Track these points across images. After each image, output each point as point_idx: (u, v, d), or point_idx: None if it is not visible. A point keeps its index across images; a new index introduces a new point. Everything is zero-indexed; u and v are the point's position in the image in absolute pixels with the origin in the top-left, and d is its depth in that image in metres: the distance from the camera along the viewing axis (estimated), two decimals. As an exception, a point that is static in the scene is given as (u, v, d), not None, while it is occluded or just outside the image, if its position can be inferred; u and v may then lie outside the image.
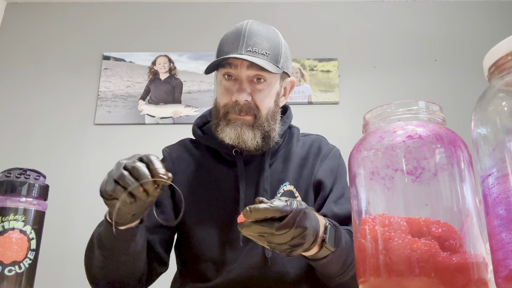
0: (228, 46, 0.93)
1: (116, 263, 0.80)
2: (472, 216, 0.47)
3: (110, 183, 0.64)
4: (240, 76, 0.92)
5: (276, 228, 0.59)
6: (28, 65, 2.53)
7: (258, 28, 0.94)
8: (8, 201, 0.63)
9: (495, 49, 0.46)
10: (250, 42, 0.91)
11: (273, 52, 0.93)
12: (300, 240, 0.62)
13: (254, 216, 0.59)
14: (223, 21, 2.60)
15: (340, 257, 0.77)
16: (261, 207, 0.59)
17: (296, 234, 0.61)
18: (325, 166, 1.00)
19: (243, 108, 0.92)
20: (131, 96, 2.48)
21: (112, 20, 2.63)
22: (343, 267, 0.79)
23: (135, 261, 0.82)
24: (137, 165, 0.64)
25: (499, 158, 0.43)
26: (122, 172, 0.63)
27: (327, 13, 2.67)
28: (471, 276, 0.44)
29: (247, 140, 0.92)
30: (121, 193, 0.63)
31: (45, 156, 2.34)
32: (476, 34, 2.60)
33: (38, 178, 0.67)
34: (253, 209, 0.59)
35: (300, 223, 0.61)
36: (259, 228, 0.59)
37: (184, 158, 1.03)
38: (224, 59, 0.91)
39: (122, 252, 0.78)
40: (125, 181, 0.63)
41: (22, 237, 0.62)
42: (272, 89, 0.96)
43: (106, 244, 0.77)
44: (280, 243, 0.61)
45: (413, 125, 0.51)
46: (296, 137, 1.05)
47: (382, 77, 2.53)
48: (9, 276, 0.60)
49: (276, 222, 0.59)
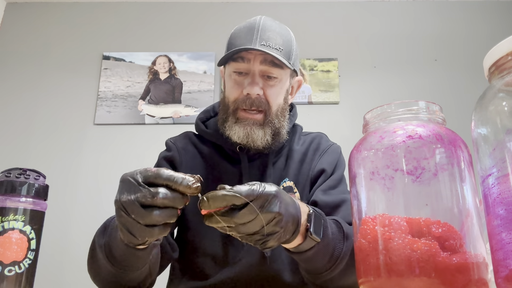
0: (240, 40, 0.90)
1: (132, 274, 0.71)
2: (472, 216, 0.47)
3: (143, 231, 0.51)
4: (253, 70, 0.90)
5: (237, 216, 0.51)
6: (28, 65, 2.53)
7: (272, 24, 0.93)
8: (8, 201, 0.63)
9: (495, 49, 0.46)
10: (264, 36, 0.89)
11: (285, 48, 0.91)
12: (273, 228, 0.55)
13: (214, 205, 0.51)
14: (223, 21, 2.60)
15: (327, 248, 0.69)
16: (219, 194, 0.51)
17: (266, 221, 0.54)
18: (323, 160, 0.99)
19: (255, 102, 0.90)
20: (131, 96, 2.48)
21: (112, 20, 2.63)
22: (330, 260, 0.71)
23: (154, 267, 0.77)
24: (164, 197, 0.50)
25: (499, 158, 0.43)
26: (151, 215, 0.50)
27: (327, 13, 2.67)
28: (471, 276, 0.44)
29: (256, 139, 0.91)
30: (159, 232, 0.52)
31: (45, 156, 2.34)
32: (476, 34, 2.60)
33: (38, 178, 0.67)
34: (210, 197, 0.51)
35: (269, 208, 0.53)
36: (220, 219, 0.52)
37: (189, 149, 1.01)
38: (240, 51, 0.88)
39: (141, 266, 0.70)
40: (163, 220, 0.51)
41: (22, 237, 0.62)
42: (283, 86, 0.95)
43: (120, 260, 0.67)
44: (249, 233, 0.54)
45: (413, 125, 0.51)
46: (298, 135, 1.05)
47: (382, 77, 2.53)
48: (9, 276, 0.60)
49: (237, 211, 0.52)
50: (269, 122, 0.92)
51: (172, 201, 0.51)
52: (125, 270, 0.69)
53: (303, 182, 0.97)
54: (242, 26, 0.94)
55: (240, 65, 0.91)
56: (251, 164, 0.96)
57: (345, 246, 0.72)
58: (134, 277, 0.72)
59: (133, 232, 0.52)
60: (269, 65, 0.90)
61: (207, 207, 0.51)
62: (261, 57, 0.89)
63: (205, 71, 2.54)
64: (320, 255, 0.69)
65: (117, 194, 0.53)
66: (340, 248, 0.71)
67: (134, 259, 0.66)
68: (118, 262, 0.68)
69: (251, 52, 0.89)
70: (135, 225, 0.51)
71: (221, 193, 0.51)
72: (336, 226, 0.74)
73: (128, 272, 0.70)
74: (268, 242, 0.56)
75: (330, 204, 0.90)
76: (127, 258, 0.66)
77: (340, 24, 2.65)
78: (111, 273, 0.71)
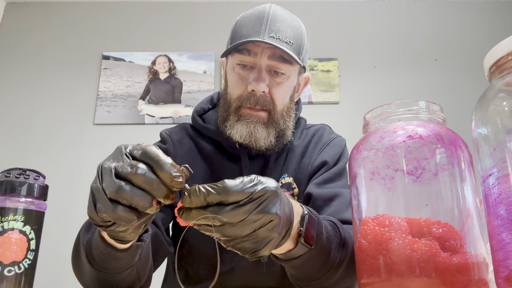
0: (247, 29, 0.82)
1: (115, 278, 0.63)
2: (472, 216, 0.47)
3: (104, 203, 0.42)
4: (259, 65, 0.82)
5: (224, 214, 0.42)
6: (27, 65, 2.53)
7: (283, 14, 0.84)
8: (7, 201, 0.63)
9: (495, 49, 0.46)
10: (274, 27, 0.80)
11: (296, 42, 0.83)
12: (268, 233, 0.44)
13: (195, 202, 0.42)
14: (223, 21, 2.60)
15: (319, 255, 0.59)
16: (202, 190, 0.42)
17: (259, 224, 0.43)
18: (324, 154, 0.91)
19: (259, 100, 0.82)
20: (131, 96, 2.48)
21: (112, 20, 2.63)
22: (322, 269, 0.61)
23: (143, 270, 0.67)
24: (142, 174, 0.41)
25: (500, 158, 0.43)
26: (120, 186, 0.41)
27: (327, 13, 2.67)
28: (472, 276, 0.44)
29: (259, 139, 0.83)
30: (125, 216, 0.42)
31: (45, 156, 2.34)
32: (477, 34, 2.60)
33: (37, 178, 0.67)
34: (192, 192, 0.42)
35: (266, 208, 0.43)
36: (200, 214, 0.42)
37: (186, 142, 0.93)
38: (246, 42, 0.80)
39: (123, 269, 0.61)
40: (130, 200, 0.41)
41: (21, 238, 0.62)
42: (290, 84, 0.87)
43: (98, 260, 0.59)
44: (236, 237, 0.43)
45: (413, 125, 0.51)
46: (301, 129, 0.97)
47: (382, 77, 2.53)
48: (8, 276, 0.60)
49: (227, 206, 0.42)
50: (274, 122, 0.85)
51: (149, 183, 0.41)
52: (106, 272, 0.61)
53: (302, 178, 0.90)
54: (250, 14, 0.85)
55: (245, 58, 0.83)
56: (251, 161, 0.90)
57: (341, 254, 0.62)
58: (119, 281, 0.63)
59: (96, 201, 0.43)
60: (278, 60, 0.82)
61: (189, 203, 0.43)
62: (269, 51, 0.81)
63: (205, 71, 2.54)
64: (311, 262, 0.59)
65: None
66: (335, 257, 0.61)
67: (114, 261, 0.58)
68: (97, 263, 0.59)
69: (258, 44, 0.81)
70: (100, 195, 0.42)
71: (205, 189, 0.42)
72: (333, 230, 0.64)
73: (110, 275, 0.61)
74: (260, 251, 0.45)
75: (323, 197, 0.82)
76: (105, 259, 0.58)
77: (340, 24, 2.65)
78: (92, 275, 0.62)
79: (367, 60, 2.57)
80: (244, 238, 0.44)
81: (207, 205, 0.43)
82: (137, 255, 0.60)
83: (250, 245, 0.44)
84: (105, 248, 0.56)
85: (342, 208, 0.80)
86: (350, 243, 0.64)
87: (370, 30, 2.63)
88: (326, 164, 0.89)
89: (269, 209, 0.44)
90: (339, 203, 0.81)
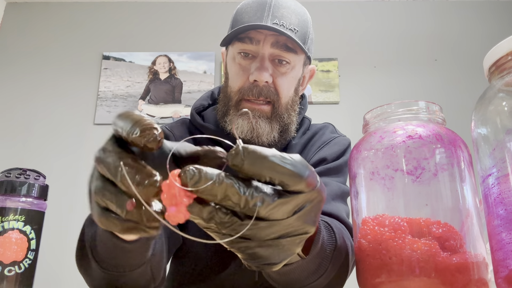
0: (249, 16, 0.77)
1: (125, 278, 0.53)
2: (472, 216, 0.47)
3: (94, 209, 0.35)
4: (262, 53, 0.77)
5: (271, 205, 0.30)
6: (28, 65, 2.53)
7: (287, 0, 0.79)
8: (8, 201, 0.63)
9: (495, 49, 0.46)
10: (278, 13, 0.75)
11: (301, 30, 0.78)
12: (291, 247, 0.33)
13: (254, 170, 0.30)
14: (223, 21, 2.59)
15: (310, 264, 0.48)
16: (268, 154, 0.30)
17: (292, 231, 0.32)
18: (322, 152, 0.85)
19: (263, 91, 0.77)
20: (131, 96, 2.48)
21: (112, 20, 2.64)
22: (311, 276, 0.51)
23: (157, 268, 0.57)
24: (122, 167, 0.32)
25: (499, 158, 0.43)
26: (99, 190, 0.34)
27: (327, 13, 2.67)
28: (471, 276, 0.44)
29: (262, 134, 0.78)
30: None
31: (45, 156, 2.34)
32: (476, 34, 2.60)
33: (38, 178, 0.67)
34: (250, 151, 0.30)
35: (310, 216, 0.33)
36: (230, 190, 0.29)
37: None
38: (248, 28, 0.75)
39: (135, 265, 0.51)
40: (112, 202, 0.33)
41: (21, 237, 0.62)
42: (295, 74, 0.81)
43: (104, 257, 0.50)
44: (256, 238, 0.32)
45: (413, 125, 0.51)
46: (303, 130, 0.93)
47: (382, 77, 2.53)
48: (8, 276, 0.60)
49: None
50: (278, 116, 0.79)
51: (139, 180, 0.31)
52: (115, 271, 0.51)
53: None
54: (251, 1, 0.80)
55: (247, 46, 0.78)
56: None
57: (333, 262, 0.53)
58: (130, 282, 0.53)
59: (92, 210, 0.35)
60: (282, 48, 0.77)
61: (239, 162, 0.29)
62: (272, 38, 0.76)
63: (205, 71, 2.54)
64: (298, 270, 0.48)
65: None
66: (326, 266, 0.52)
67: (122, 255, 0.48)
68: (103, 260, 0.50)
69: (261, 31, 0.76)
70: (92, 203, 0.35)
71: (271, 153, 0.30)
72: (328, 235, 0.54)
73: (120, 275, 0.51)
74: (272, 265, 0.34)
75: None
76: (112, 253, 0.48)
77: (340, 24, 2.65)
78: (101, 276, 0.53)
79: (367, 60, 2.57)
80: (263, 242, 0.32)
81: (248, 178, 0.30)
82: (149, 249, 0.51)
83: (265, 253, 0.33)
84: (110, 239, 0.45)
85: (328, 199, 0.73)
86: (344, 250, 0.55)
87: (370, 30, 2.63)
88: (324, 161, 0.84)
89: (312, 218, 0.33)
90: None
